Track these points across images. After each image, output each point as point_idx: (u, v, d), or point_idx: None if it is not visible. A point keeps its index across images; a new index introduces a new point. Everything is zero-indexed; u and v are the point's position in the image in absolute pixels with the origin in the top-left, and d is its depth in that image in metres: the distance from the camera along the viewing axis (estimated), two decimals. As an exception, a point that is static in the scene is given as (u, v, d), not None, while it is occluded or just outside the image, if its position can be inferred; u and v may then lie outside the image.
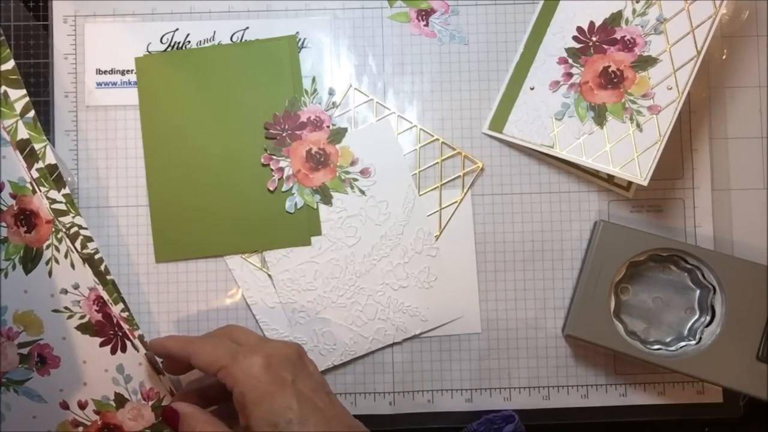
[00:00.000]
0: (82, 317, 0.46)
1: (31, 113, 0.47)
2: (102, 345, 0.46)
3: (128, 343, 0.46)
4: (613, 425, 0.50)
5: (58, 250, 0.46)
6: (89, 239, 0.47)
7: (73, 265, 0.45)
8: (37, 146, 0.47)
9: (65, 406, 0.47)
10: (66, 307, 0.46)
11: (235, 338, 0.42)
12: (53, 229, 0.46)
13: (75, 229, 0.47)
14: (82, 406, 0.47)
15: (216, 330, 0.44)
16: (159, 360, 0.45)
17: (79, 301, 0.46)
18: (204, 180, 0.49)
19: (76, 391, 0.46)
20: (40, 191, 0.47)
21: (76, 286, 0.46)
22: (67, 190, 0.47)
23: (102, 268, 0.47)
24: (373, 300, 0.49)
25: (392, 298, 0.49)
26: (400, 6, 0.51)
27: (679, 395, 0.49)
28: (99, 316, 0.46)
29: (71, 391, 0.47)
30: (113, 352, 0.46)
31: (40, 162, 0.47)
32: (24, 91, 0.47)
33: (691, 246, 0.46)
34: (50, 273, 0.46)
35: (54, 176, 0.47)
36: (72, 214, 0.47)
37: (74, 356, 0.46)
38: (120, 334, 0.46)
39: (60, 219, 0.47)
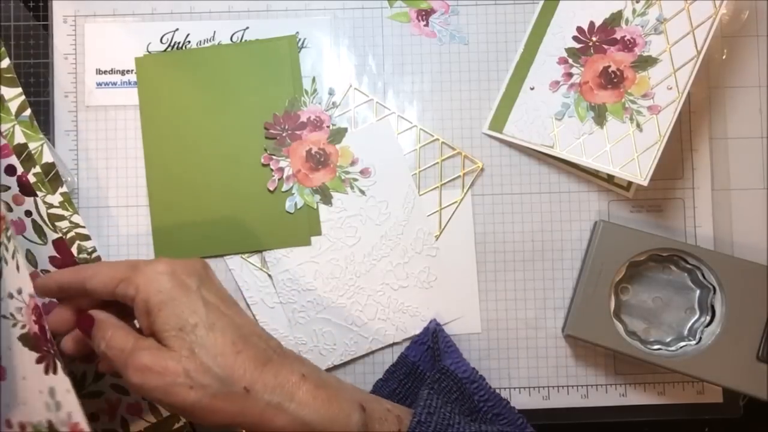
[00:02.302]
0: (23, 327, 0.39)
1: (27, 111, 0.47)
2: (37, 362, 0.38)
3: (59, 365, 0.38)
4: (613, 425, 0.50)
5: (7, 249, 0.39)
6: (86, 237, 0.47)
7: (18, 268, 0.39)
8: (33, 146, 0.47)
9: (9, 425, 0.39)
10: (11, 314, 0.39)
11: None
12: (4, 227, 0.40)
13: (69, 226, 0.47)
14: (23, 428, 0.39)
15: None
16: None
17: (21, 309, 0.39)
18: (204, 180, 0.49)
19: (16, 410, 0.39)
20: (38, 196, 0.46)
21: (19, 291, 0.39)
22: (64, 189, 0.47)
23: None
24: (373, 300, 0.49)
25: (392, 298, 0.49)
26: (400, 6, 0.51)
27: (679, 395, 0.49)
28: (36, 328, 0.39)
29: (12, 410, 0.39)
30: (46, 371, 0.38)
31: (37, 167, 0.46)
32: (20, 89, 0.47)
33: (691, 246, 0.46)
34: (0, 273, 0.39)
35: (51, 176, 0.47)
36: (69, 212, 0.47)
37: (15, 371, 0.39)
38: (52, 352, 0.39)
39: (57, 223, 0.46)
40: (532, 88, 0.50)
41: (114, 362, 0.36)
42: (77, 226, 0.47)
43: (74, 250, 0.47)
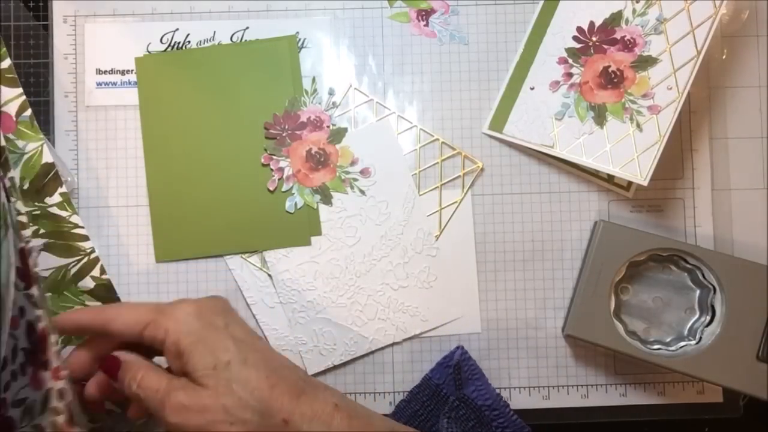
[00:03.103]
0: None
1: (28, 112, 0.47)
2: None
3: None
4: (613, 425, 0.50)
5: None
6: (85, 238, 0.47)
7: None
8: (33, 146, 0.47)
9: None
10: None
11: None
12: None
13: (68, 226, 0.47)
14: None
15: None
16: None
17: None
18: (204, 180, 0.49)
19: None
20: (10, 202, 0.43)
21: None
22: (64, 189, 0.47)
23: (97, 268, 0.47)
24: (373, 300, 0.49)
25: (392, 298, 0.49)
26: (400, 6, 0.51)
27: (679, 395, 0.49)
28: None
29: None
30: None
31: (11, 172, 0.45)
32: (20, 90, 0.47)
33: (691, 246, 0.46)
34: None
35: (50, 176, 0.47)
36: (68, 213, 0.47)
37: None
38: None
39: (22, 232, 0.42)
40: (532, 88, 0.49)
41: (148, 403, 0.36)
42: (76, 226, 0.47)
43: (72, 251, 0.47)
